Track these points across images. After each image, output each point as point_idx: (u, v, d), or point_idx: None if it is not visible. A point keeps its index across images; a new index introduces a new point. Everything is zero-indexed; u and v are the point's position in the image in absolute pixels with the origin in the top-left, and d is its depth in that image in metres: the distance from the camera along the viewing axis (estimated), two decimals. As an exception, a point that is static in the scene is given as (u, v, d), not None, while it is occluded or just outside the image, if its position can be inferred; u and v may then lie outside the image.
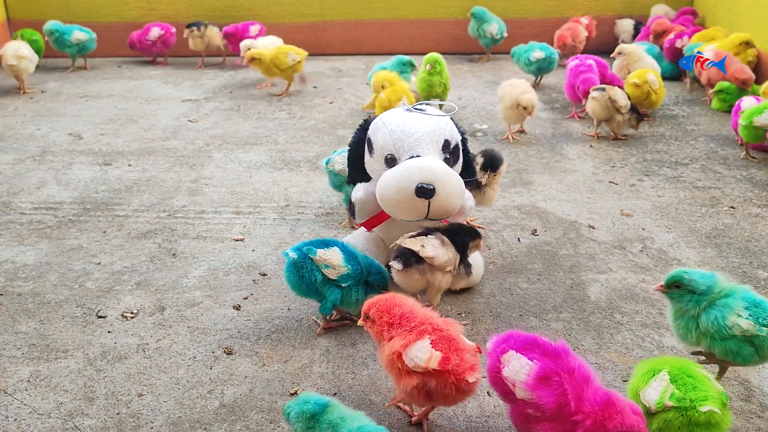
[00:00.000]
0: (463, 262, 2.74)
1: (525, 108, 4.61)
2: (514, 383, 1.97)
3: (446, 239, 2.70)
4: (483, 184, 3.30)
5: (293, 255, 2.63)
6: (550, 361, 1.95)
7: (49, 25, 6.71)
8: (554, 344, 2.01)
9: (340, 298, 2.65)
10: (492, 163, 3.29)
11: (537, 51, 6.09)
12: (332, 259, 2.62)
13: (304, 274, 2.63)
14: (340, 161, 3.40)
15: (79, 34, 6.76)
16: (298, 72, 6.01)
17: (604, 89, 4.74)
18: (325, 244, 2.69)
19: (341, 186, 3.49)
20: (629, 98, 4.80)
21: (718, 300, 2.27)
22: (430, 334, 2.09)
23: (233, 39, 6.88)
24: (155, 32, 7.03)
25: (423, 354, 2.03)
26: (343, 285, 2.64)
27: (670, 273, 2.34)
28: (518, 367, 1.97)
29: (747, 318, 2.21)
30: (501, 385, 2.05)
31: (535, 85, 6.33)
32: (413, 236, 2.70)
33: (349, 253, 2.68)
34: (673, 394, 1.99)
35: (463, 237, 2.76)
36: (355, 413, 1.97)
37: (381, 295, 2.29)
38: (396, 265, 2.63)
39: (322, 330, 2.75)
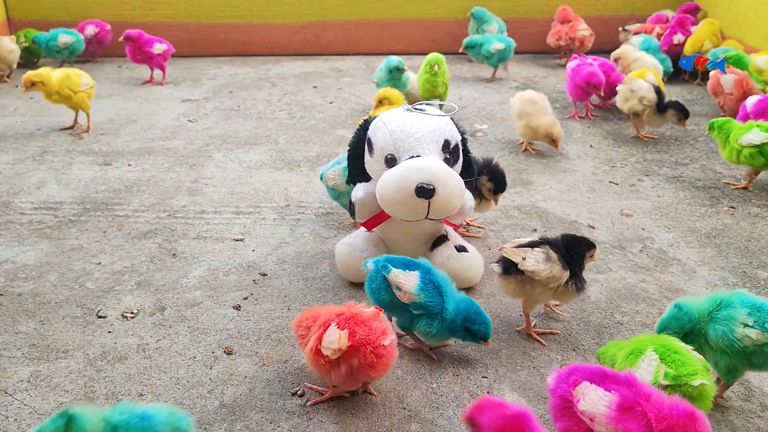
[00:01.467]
0: (574, 277, 2.57)
1: (553, 141, 4.44)
2: (593, 417, 1.83)
3: (553, 254, 2.54)
4: (496, 204, 3.36)
5: (371, 266, 2.53)
6: (626, 389, 1.84)
7: (34, 37, 6.75)
8: (622, 373, 1.91)
9: (409, 323, 2.51)
10: (501, 186, 3.29)
11: (497, 42, 6.21)
12: (405, 284, 2.45)
13: (373, 289, 2.52)
14: (333, 176, 3.40)
15: (66, 38, 6.73)
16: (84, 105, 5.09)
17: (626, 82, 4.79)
18: (408, 265, 2.51)
19: (338, 197, 3.49)
20: (658, 93, 4.72)
21: (717, 313, 2.23)
22: (333, 321, 2.23)
23: (132, 43, 6.23)
24: (90, 30, 7.01)
25: (332, 336, 2.18)
26: (414, 312, 2.48)
27: (656, 330, 2.31)
28: (596, 399, 1.84)
29: (753, 326, 2.16)
30: (568, 420, 1.91)
31: (491, 79, 6.45)
32: (519, 246, 2.59)
33: (429, 283, 2.46)
34: (667, 373, 2.01)
35: (578, 250, 2.59)
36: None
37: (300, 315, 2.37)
38: (496, 268, 2.64)
39: (413, 346, 2.63)
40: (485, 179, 3.28)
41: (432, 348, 2.63)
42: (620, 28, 7.21)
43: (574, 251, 2.59)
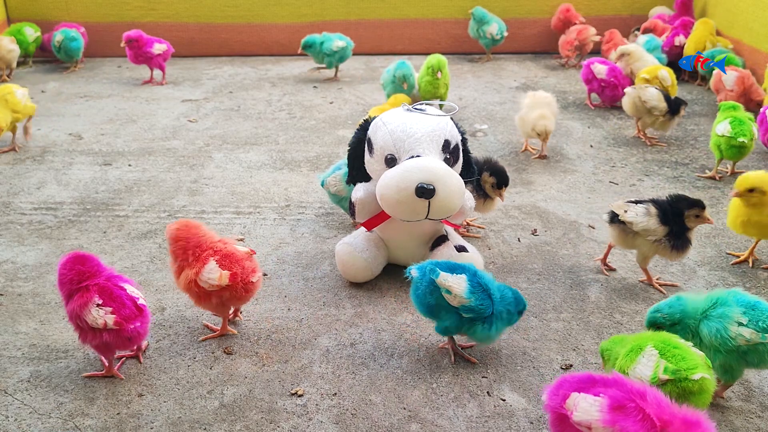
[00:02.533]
0: (672, 235, 2.82)
1: (538, 134, 4.43)
2: (590, 425, 1.83)
3: (653, 210, 2.85)
4: (502, 201, 3.37)
5: (415, 273, 2.49)
6: (615, 390, 1.84)
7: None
8: (610, 376, 1.91)
9: (455, 326, 2.47)
10: (504, 179, 3.30)
11: (338, 41, 6.29)
12: (455, 287, 2.42)
13: (419, 294, 2.49)
14: (334, 183, 3.41)
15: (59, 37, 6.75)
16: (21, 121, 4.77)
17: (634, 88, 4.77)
18: (454, 268, 2.48)
19: (340, 202, 3.50)
20: (667, 99, 4.69)
21: (713, 310, 2.24)
22: (213, 257, 2.51)
23: (134, 45, 6.23)
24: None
25: (214, 275, 2.48)
26: (464, 315, 2.45)
27: (646, 319, 2.33)
28: (588, 407, 1.83)
29: (747, 325, 2.17)
30: None
31: (335, 78, 6.54)
32: (627, 201, 2.96)
33: (478, 285, 2.44)
34: (667, 367, 2.02)
35: (677, 206, 2.82)
36: None
37: (178, 221, 2.61)
38: (605, 217, 3.05)
39: (445, 348, 2.63)
40: (487, 175, 3.29)
41: (464, 348, 2.65)
42: (634, 30, 7.18)
43: (675, 208, 2.83)
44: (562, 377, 1.97)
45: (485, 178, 3.28)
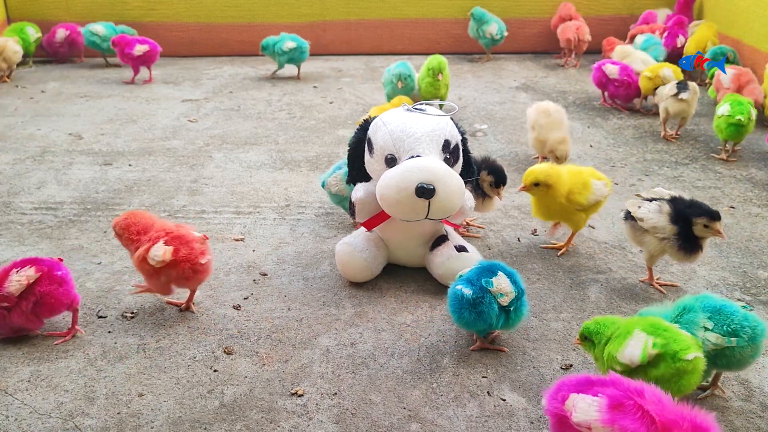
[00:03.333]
0: (681, 235, 2.81)
1: (557, 158, 4.18)
2: (590, 425, 1.82)
3: (666, 208, 2.84)
4: (500, 199, 3.37)
5: (468, 292, 2.46)
6: (613, 389, 1.84)
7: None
8: (608, 377, 1.92)
9: (504, 322, 2.52)
10: (502, 178, 3.30)
11: (289, 41, 6.37)
12: (506, 287, 2.49)
13: (483, 310, 2.46)
14: (335, 183, 3.41)
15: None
16: None
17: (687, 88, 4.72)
18: (491, 271, 2.52)
19: (341, 202, 3.50)
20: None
21: (681, 317, 2.25)
22: (162, 238, 2.69)
23: (118, 47, 6.43)
24: (61, 34, 6.98)
25: (159, 251, 2.64)
26: (511, 308, 2.51)
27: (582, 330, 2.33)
28: (586, 407, 1.83)
29: (713, 330, 2.19)
30: None
31: (298, 76, 6.66)
32: (643, 198, 2.96)
33: (509, 274, 2.54)
34: (655, 343, 2.06)
35: (688, 211, 2.80)
36: None
37: (123, 213, 2.83)
38: (621, 214, 3.09)
39: (478, 348, 2.63)
40: (485, 174, 3.29)
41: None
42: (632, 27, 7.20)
43: (686, 212, 2.82)
44: (560, 380, 1.98)
45: (483, 177, 3.29)
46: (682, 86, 4.70)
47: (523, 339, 2.70)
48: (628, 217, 2.98)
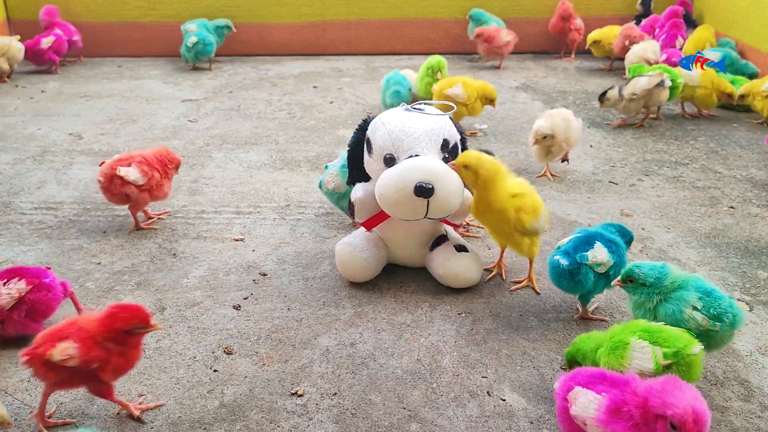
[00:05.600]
0: None
1: (562, 160, 4.10)
2: (585, 421, 1.85)
3: None
4: None
5: (565, 263, 2.61)
6: (619, 391, 1.84)
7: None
8: (623, 375, 1.93)
9: (600, 286, 2.68)
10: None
11: (192, 37, 6.60)
12: (602, 257, 2.60)
13: (581, 279, 2.62)
14: (331, 179, 3.40)
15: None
16: None
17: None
18: (588, 242, 2.64)
19: (339, 200, 3.48)
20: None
21: (673, 293, 2.32)
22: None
23: (30, 53, 6.58)
24: (46, 43, 6.81)
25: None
26: (610, 273, 2.63)
27: (625, 268, 2.42)
28: (586, 403, 1.86)
29: (701, 310, 2.26)
30: (571, 425, 1.94)
31: (194, 67, 6.88)
32: None
33: (607, 243, 2.64)
34: (665, 353, 2.08)
35: None
36: None
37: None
38: None
39: (580, 318, 2.79)
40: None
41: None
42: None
43: None
44: (579, 368, 2.02)
45: None
46: (655, 77, 4.93)
47: (523, 339, 2.70)
48: None
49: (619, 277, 2.43)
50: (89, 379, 2.17)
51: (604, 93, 4.99)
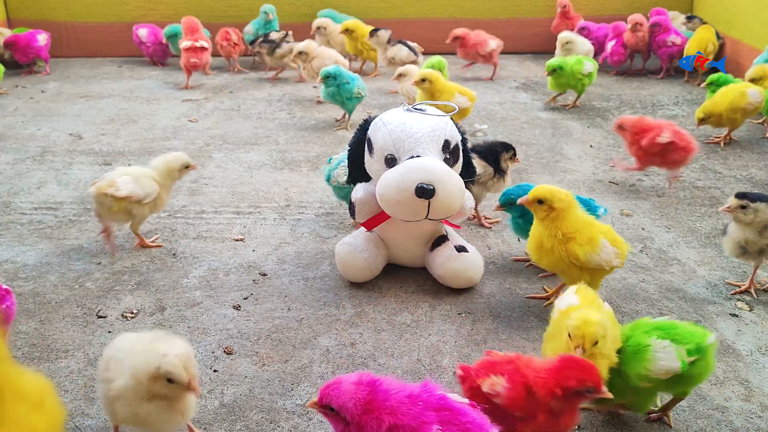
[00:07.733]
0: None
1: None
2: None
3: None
4: (518, 162, 3.54)
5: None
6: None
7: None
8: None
9: None
10: (513, 147, 3.47)
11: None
12: None
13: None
14: (343, 173, 3.35)
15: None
16: None
17: None
18: None
19: (347, 196, 3.42)
20: None
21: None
22: None
23: (15, 48, 6.49)
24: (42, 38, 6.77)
25: None
26: None
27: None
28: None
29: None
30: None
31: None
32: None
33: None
34: (689, 351, 2.08)
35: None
36: None
37: None
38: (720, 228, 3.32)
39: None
40: (504, 154, 3.44)
41: None
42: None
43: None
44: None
45: (504, 157, 3.43)
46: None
47: (523, 339, 2.70)
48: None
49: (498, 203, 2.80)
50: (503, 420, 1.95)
51: None
